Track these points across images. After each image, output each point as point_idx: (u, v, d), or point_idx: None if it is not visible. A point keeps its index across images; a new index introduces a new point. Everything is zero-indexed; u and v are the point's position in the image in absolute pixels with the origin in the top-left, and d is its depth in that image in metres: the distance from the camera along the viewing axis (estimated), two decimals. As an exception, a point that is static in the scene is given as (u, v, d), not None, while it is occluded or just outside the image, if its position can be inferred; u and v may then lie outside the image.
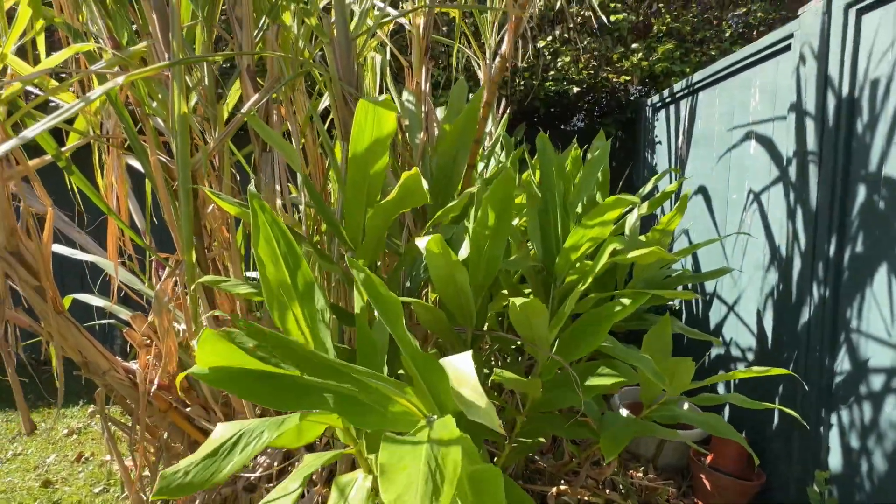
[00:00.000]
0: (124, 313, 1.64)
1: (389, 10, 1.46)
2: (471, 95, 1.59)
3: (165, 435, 1.57)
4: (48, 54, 1.34)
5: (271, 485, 1.45)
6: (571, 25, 3.00)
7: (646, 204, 1.82)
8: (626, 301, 1.12)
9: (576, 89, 2.97)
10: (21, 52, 1.42)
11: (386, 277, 1.26)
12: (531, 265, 1.31)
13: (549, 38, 2.99)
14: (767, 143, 1.89)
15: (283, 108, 1.44)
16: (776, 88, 1.86)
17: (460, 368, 0.81)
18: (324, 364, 0.67)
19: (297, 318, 0.80)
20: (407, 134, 1.55)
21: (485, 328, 1.35)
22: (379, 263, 1.51)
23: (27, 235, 1.29)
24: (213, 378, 0.62)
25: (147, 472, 1.64)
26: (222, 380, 0.62)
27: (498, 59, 1.54)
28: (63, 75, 1.61)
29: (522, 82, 2.95)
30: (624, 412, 1.58)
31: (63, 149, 1.40)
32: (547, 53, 3.02)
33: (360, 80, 1.36)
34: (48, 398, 3.15)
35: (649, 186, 1.79)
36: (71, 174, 1.36)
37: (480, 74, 1.96)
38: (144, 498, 1.56)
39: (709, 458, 1.90)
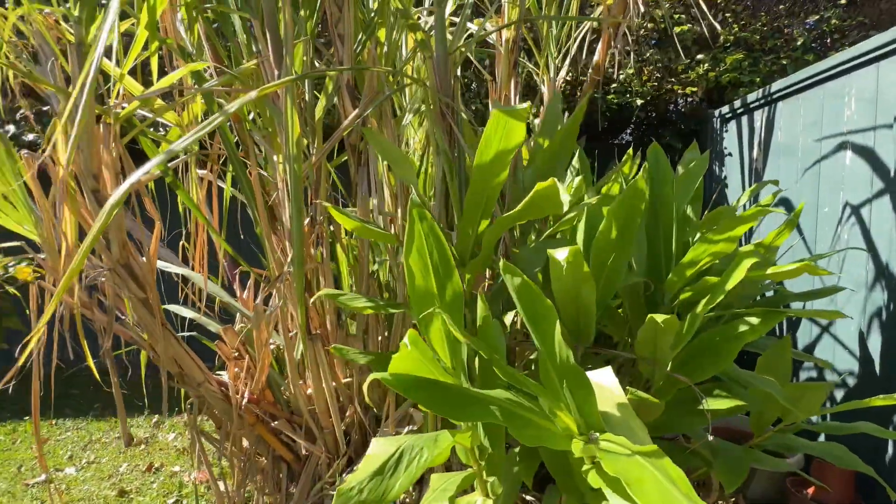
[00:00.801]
0: (213, 326, 1.67)
1: (485, 26, 1.46)
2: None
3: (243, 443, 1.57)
4: (142, 73, 1.40)
5: None
6: (634, 37, 2.97)
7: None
8: (753, 321, 1.05)
9: (639, 101, 2.92)
10: (130, 72, 1.49)
11: (489, 293, 1.23)
12: (632, 281, 1.26)
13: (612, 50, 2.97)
14: (868, 154, 1.78)
15: (374, 122, 1.45)
16: (876, 96, 1.76)
17: (606, 385, 0.77)
18: (496, 377, 0.64)
19: (440, 330, 0.78)
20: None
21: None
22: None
23: (136, 249, 1.33)
24: (394, 383, 0.60)
25: (222, 486, 1.63)
26: (401, 385, 0.60)
27: (591, 71, 1.51)
28: (156, 93, 1.68)
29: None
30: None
31: (170, 164, 1.45)
32: (608, 66, 2.99)
33: (455, 93, 1.35)
34: (114, 408, 3.24)
35: (744, 199, 1.71)
36: (176, 188, 1.40)
37: (543, 89, 1.94)
38: None
39: (810, 490, 1.77)
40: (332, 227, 1.50)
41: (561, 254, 0.82)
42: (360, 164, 1.39)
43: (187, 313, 1.65)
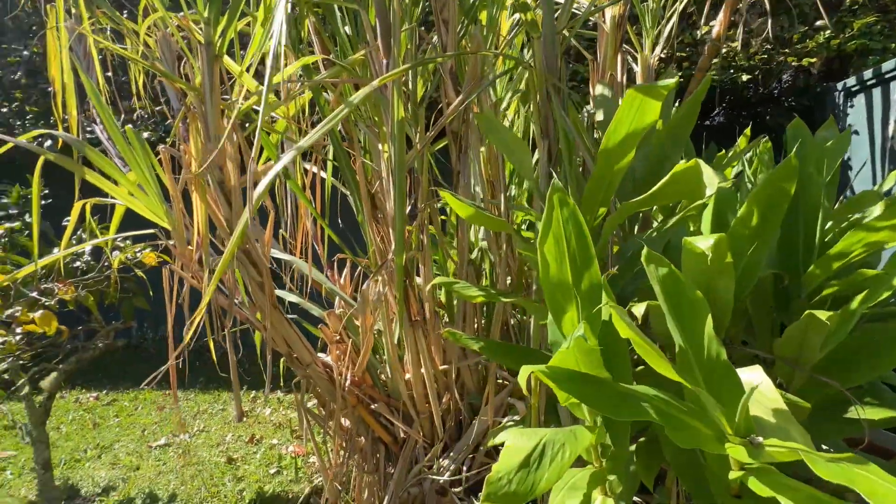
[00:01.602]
0: (315, 310, 1.76)
1: (593, 3, 1.38)
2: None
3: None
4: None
5: (458, 489, 1.44)
6: (740, 6, 2.70)
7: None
8: (923, 320, 0.91)
9: (745, 77, 2.66)
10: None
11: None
12: (764, 274, 1.14)
13: (713, 22, 2.72)
14: None
15: (475, 107, 1.42)
16: None
17: (758, 385, 0.70)
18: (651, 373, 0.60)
19: (574, 322, 0.74)
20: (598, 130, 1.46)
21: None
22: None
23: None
24: (550, 375, 0.58)
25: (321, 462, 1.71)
26: (557, 378, 0.58)
27: (708, 45, 1.38)
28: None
29: (680, 73, 2.72)
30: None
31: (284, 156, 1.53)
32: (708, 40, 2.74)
33: (562, 75, 1.29)
34: (217, 382, 3.54)
35: (890, 183, 1.49)
36: (287, 179, 1.47)
37: (636, 67, 1.80)
38: (339, 488, 1.64)
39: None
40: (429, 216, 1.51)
41: (704, 243, 0.75)
42: (461, 152, 1.38)
43: (293, 298, 1.74)
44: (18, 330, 1.60)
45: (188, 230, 1.42)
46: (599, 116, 1.43)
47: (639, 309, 0.84)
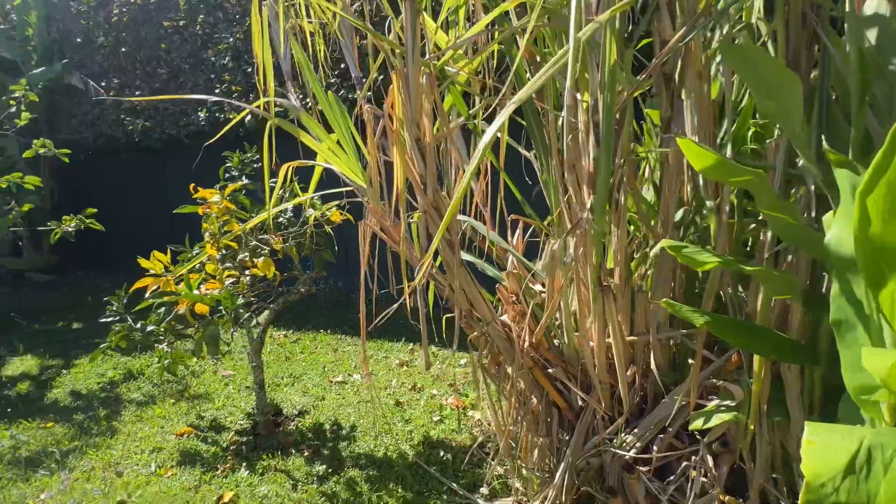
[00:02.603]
0: (490, 270, 1.77)
1: None
2: None
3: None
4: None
5: (646, 468, 1.35)
6: None
7: None
8: None
9: None
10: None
11: None
12: None
13: None
14: None
15: (694, 46, 1.22)
16: None
17: None
18: None
19: None
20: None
21: None
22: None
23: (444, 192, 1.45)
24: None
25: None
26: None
27: None
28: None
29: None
30: None
31: (471, 111, 1.52)
32: None
33: None
34: (379, 331, 3.90)
35: None
36: (478, 136, 1.46)
37: None
38: (513, 445, 1.66)
39: None
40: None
41: None
42: (673, 96, 1.20)
43: (468, 257, 1.77)
44: (246, 272, 1.90)
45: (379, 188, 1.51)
46: (870, 40, 1.12)
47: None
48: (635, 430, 1.42)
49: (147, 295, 1.80)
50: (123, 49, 5.53)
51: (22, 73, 5.72)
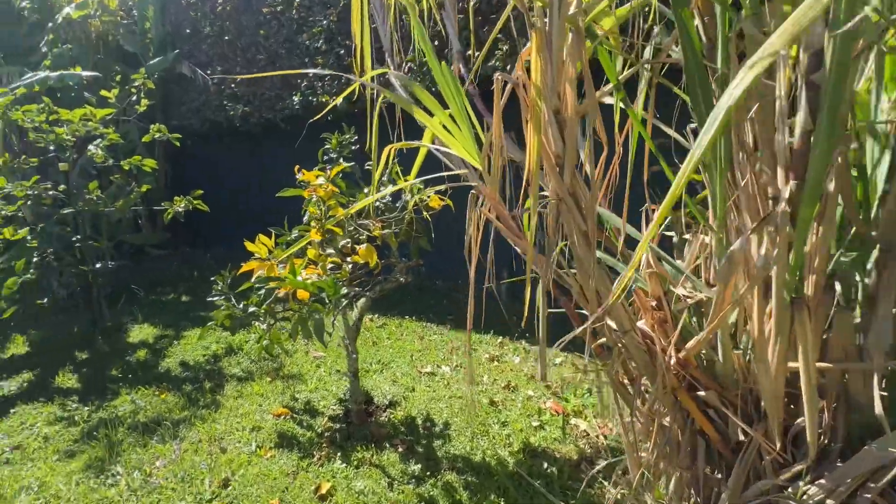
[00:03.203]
0: (620, 267, 1.52)
1: None
2: None
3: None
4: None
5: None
6: None
7: None
8: None
9: None
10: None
11: None
12: None
13: None
14: None
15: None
16: None
17: None
18: None
19: None
20: None
21: None
22: None
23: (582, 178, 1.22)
24: None
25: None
26: None
27: None
28: None
29: None
30: None
31: (621, 76, 1.27)
32: None
33: None
34: (462, 322, 3.76)
35: None
36: (628, 107, 1.21)
37: None
38: (645, 473, 1.43)
39: None
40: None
41: None
42: (932, 47, 0.87)
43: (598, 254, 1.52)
44: (348, 259, 1.81)
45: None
46: None
47: None
48: (822, 481, 1.12)
49: (253, 279, 1.77)
50: (226, 37, 5.80)
51: (141, 64, 6.23)
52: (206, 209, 3.84)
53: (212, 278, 2.27)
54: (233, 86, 5.81)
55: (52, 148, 3.71)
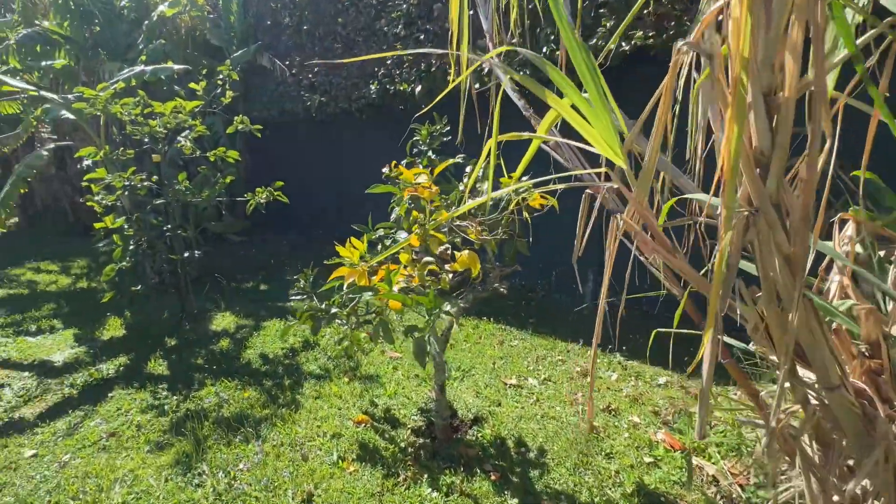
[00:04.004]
0: (818, 303, 1.19)
1: None
2: None
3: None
4: None
5: None
6: None
7: None
8: None
9: None
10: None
11: None
12: None
13: None
14: None
15: None
16: None
17: None
18: None
19: None
20: None
21: None
22: None
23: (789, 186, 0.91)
24: None
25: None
26: None
27: None
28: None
29: None
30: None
31: (858, 41, 0.94)
32: None
33: None
34: (549, 327, 3.48)
35: None
36: (869, 84, 0.88)
37: None
38: None
39: None
40: None
41: None
42: None
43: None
44: (447, 267, 1.60)
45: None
46: None
47: None
48: None
49: (344, 288, 1.61)
50: (305, 27, 5.80)
51: (226, 56, 6.42)
52: (286, 200, 3.83)
53: (295, 277, 2.17)
54: (310, 76, 5.82)
55: (146, 140, 3.83)
